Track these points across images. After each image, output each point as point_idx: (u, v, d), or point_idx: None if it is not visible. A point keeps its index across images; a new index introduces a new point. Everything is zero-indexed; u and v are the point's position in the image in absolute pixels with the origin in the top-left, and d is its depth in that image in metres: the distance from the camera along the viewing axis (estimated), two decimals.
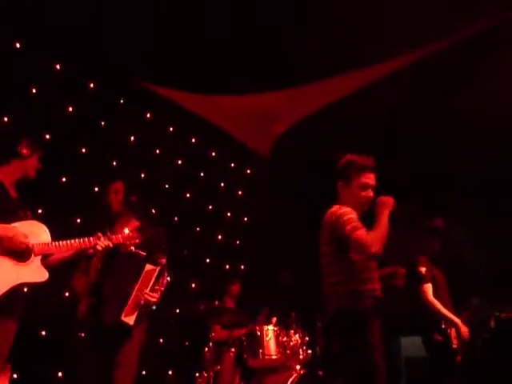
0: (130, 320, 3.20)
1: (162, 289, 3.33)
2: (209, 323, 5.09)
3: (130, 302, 3.20)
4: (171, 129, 5.83)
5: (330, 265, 2.94)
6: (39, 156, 3.10)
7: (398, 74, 4.89)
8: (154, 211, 5.44)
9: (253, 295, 5.51)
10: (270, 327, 4.64)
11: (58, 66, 4.75)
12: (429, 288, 3.96)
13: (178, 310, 5.57)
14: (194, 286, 5.82)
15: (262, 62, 4.71)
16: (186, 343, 5.58)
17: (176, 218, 5.80)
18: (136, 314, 3.22)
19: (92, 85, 5.01)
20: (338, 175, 3.04)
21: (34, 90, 4.54)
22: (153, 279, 3.27)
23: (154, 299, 3.26)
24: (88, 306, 3.27)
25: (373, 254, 2.78)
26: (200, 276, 5.86)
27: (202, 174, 6.20)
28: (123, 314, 3.18)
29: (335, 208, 2.96)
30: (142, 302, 3.21)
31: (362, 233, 2.81)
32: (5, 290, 2.70)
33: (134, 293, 3.22)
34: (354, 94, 5.14)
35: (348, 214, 2.89)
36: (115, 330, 3.19)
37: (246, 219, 6.59)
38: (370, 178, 3.01)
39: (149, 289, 3.24)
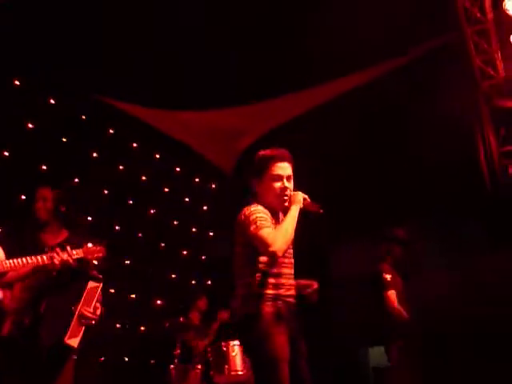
0: (75, 342, 2.93)
1: (100, 306, 3.09)
2: (174, 339, 5.05)
3: (73, 322, 2.93)
4: (134, 144, 5.82)
5: (241, 267, 2.77)
6: None
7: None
8: (117, 227, 5.39)
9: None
10: (236, 342, 4.63)
11: (16, 82, 4.70)
12: (393, 295, 3.99)
13: (142, 328, 5.49)
14: (159, 302, 5.75)
15: (224, 76, 4.74)
16: (152, 361, 5.50)
17: (140, 234, 5.75)
18: (80, 335, 2.96)
19: (52, 100, 4.97)
20: (252, 173, 2.86)
21: None
22: (96, 296, 3.04)
23: (96, 317, 3.01)
24: (17, 325, 2.94)
25: (272, 252, 2.58)
26: (166, 292, 5.80)
27: (166, 190, 6.17)
28: (67, 336, 2.90)
29: (245, 208, 2.77)
30: (84, 321, 2.95)
31: (264, 231, 2.63)
32: None
33: (77, 312, 2.95)
34: (320, 107, 5.22)
35: (255, 213, 2.71)
36: (53, 354, 2.91)
37: (211, 234, 6.57)
38: (281, 168, 2.79)
39: (92, 307, 3.00)
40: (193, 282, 6.21)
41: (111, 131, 5.56)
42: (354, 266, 5.44)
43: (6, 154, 4.52)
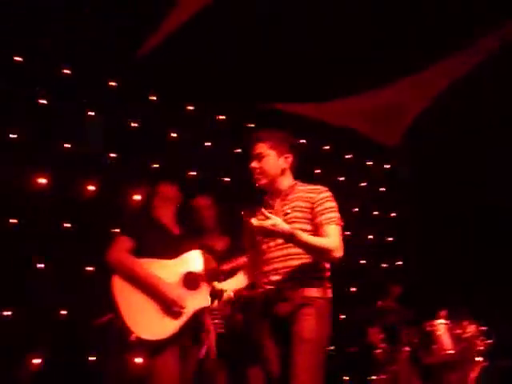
0: None
1: None
2: (372, 326, 5.06)
3: None
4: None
5: None
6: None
7: None
8: None
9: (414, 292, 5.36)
10: (441, 321, 4.49)
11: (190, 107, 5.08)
12: None
13: (342, 316, 5.59)
14: (353, 289, 5.81)
15: (376, 56, 4.62)
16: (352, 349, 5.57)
17: None
18: None
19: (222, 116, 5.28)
20: None
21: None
22: None
23: None
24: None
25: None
26: (358, 279, 5.83)
27: (341, 179, 6.20)
28: None
29: None
30: None
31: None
32: (186, 318, 2.97)
33: None
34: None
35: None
36: None
37: (394, 215, 6.45)
38: (251, 149, 2.77)
39: None
40: (383, 265, 6.16)
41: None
42: None
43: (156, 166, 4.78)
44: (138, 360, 3.43)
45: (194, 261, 3.14)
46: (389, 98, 5.23)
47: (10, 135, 4.09)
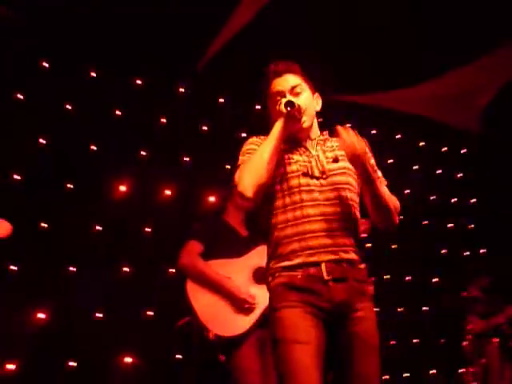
0: None
1: None
2: (463, 316, 4.91)
3: None
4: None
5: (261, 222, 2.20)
6: None
7: None
8: None
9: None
10: None
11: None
12: None
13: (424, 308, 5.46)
14: (435, 280, 5.66)
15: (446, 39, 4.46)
16: (442, 340, 5.43)
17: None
18: None
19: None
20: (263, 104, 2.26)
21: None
22: None
23: None
24: None
25: (239, 193, 1.95)
26: (439, 268, 5.67)
27: (415, 167, 6.04)
28: None
29: None
30: None
31: (240, 168, 2.03)
32: (259, 313, 3.02)
33: None
34: None
35: (245, 145, 2.12)
36: None
37: (473, 201, 6.21)
38: (278, 83, 2.12)
39: None
40: (465, 253, 5.95)
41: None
42: None
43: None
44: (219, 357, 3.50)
45: (262, 255, 3.18)
46: (461, 83, 5.04)
47: (92, 147, 4.31)
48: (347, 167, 2.07)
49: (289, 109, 2.02)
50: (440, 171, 6.17)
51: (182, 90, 4.70)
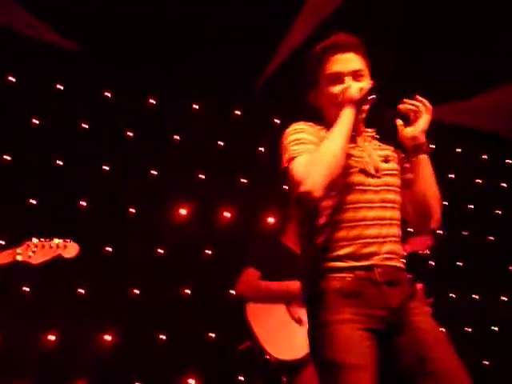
0: None
1: None
2: None
3: None
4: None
5: (297, 222, 1.96)
6: None
7: None
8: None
9: None
10: None
11: None
12: None
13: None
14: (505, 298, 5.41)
15: None
16: None
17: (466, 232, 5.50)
18: None
19: None
20: (305, 84, 1.99)
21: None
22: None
23: None
24: None
25: (303, 194, 1.69)
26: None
27: (478, 181, 5.83)
28: None
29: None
30: None
31: (297, 162, 1.75)
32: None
33: None
34: None
35: (291, 134, 1.86)
36: None
37: None
38: (340, 62, 1.86)
39: None
40: None
41: None
42: None
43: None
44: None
45: None
46: None
47: (152, 171, 4.41)
48: (398, 169, 1.93)
49: (371, 97, 1.79)
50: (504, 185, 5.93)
51: (237, 112, 4.74)
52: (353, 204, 1.80)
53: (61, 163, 4.15)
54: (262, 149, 4.74)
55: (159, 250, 4.32)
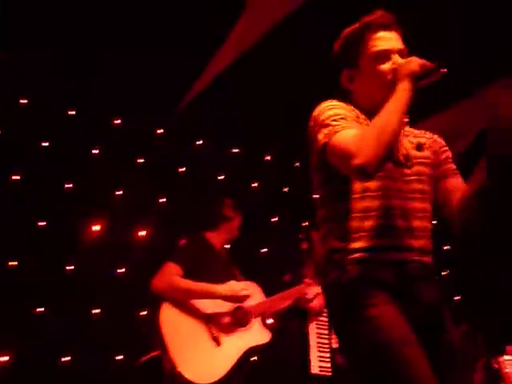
0: None
1: None
2: None
3: None
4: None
5: (319, 206, 1.82)
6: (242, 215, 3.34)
7: None
8: None
9: None
10: (508, 357, 4.20)
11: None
12: None
13: None
14: None
15: None
16: None
17: None
18: None
19: None
20: (341, 62, 1.87)
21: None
22: None
23: None
24: None
25: (358, 168, 1.57)
26: None
27: None
28: None
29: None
30: None
31: (344, 135, 1.64)
32: (236, 359, 2.92)
33: None
34: None
35: (327, 110, 1.73)
36: None
37: None
38: (386, 39, 1.78)
39: None
40: None
41: None
42: None
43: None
44: None
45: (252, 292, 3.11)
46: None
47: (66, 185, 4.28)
48: (431, 157, 1.85)
49: (442, 71, 1.65)
50: None
51: (159, 131, 4.73)
52: (381, 191, 1.71)
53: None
54: (184, 169, 4.73)
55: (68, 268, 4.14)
